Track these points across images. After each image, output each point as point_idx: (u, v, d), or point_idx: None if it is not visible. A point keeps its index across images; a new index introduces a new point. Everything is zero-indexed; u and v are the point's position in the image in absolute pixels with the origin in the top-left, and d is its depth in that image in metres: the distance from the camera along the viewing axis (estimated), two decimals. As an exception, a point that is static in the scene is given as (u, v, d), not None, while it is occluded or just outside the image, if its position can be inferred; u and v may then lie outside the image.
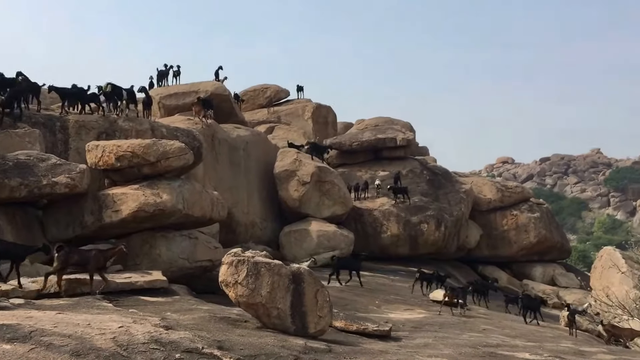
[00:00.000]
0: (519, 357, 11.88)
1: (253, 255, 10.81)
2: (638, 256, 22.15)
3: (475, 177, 42.26)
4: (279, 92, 44.05)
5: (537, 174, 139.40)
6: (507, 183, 39.58)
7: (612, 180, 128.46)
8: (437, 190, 33.70)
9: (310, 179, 29.34)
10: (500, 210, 35.89)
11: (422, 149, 48.20)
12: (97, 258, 13.17)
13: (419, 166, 35.51)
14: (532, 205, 36.58)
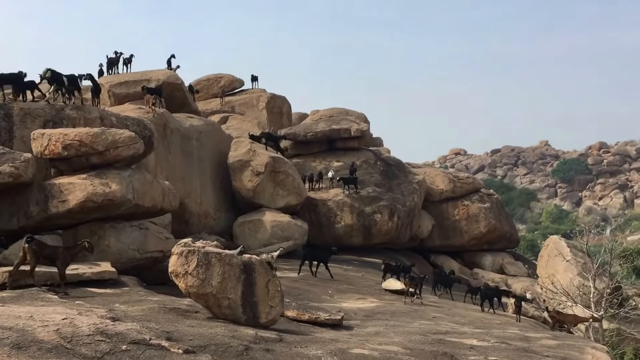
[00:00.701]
0: (467, 343, 12.10)
1: (204, 246, 10.70)
2: (582, 245, 22.82)
3: (428, 168, 42.79)
4: (233, 82, 43.70)
5: (488, 165, 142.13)
6: (458, 174, 40.20)
7: (560, 171, 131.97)
8: (391, 181, 33.99)
9: (265, 169, 29.21)
10: (452, 201, 36.47)
11: (376, 139, 48.51)
12: (64, 255, 13.07)
13: (373, 157, 35.73)
14: (482, 196, 37.28)
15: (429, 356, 10.10)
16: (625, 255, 24.03)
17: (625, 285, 24.28)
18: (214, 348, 8.34)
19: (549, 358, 11.77)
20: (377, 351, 9.83)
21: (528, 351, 12.19)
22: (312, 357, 8.84)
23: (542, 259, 25.73)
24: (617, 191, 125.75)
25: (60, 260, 12.86)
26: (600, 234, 27.65)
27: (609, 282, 21.18)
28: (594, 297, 20.51)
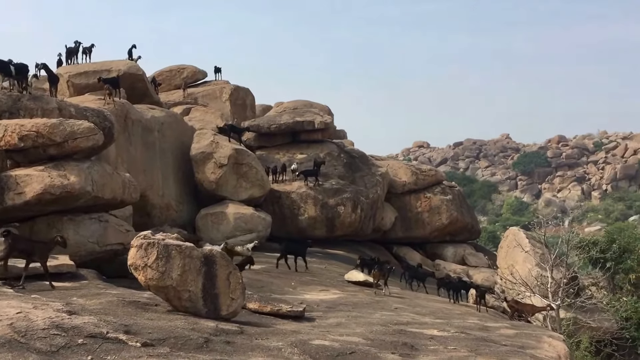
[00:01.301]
0: (427, 333, 12.25)
1: (164, 238, 10.60)
2: (540, 236, 23.26)
3: (391, 161, 43.01)
4: (196, 73, 43.25)
5: (450, 158, 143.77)
6: (421, 166, 40.54)
7: (520, 164, 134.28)
8: (354, 173, 34.10)
9: (228, 161, 29.01)
10: (414, 193, 36.76)
11: (340, 132, 48.58)
12: (42, 249, 13.00)
13: (337, 149, 35.78)
14: (444, 188, 37.68)
15: (389, 346, 10.20)
16: (581, 246, 24.57)
17: (582, 275, 24.83)
18: (174, 341, 8.28)
19: (507, 347, 11.97)
20: (338, 342, 9.89)
21: (487, 340, 12.39)
22: (273, 348, 8.85)
23: (501, 250, 26.16)
24: (575, 183, 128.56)
25: (39, 255, 12.83)
26: (559, 226, 28.20)
27: (566, 272, 21.60)
28: (552, 287, 20.94)
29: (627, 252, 24.73)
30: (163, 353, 7.68)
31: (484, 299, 20.43)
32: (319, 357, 8.77)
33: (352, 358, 8.95)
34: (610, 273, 24.89)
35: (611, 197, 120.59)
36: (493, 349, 11.31)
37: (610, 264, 24.58)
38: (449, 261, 35.59)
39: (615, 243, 24.88)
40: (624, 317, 22.21)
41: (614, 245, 24.76)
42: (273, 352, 8.67)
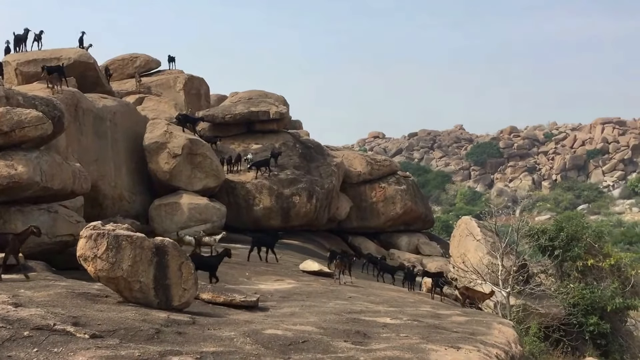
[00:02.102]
0: (380, 321, 12.39)
1: (114, 229, 10.45)
2: (491, 225, 23.70)
3: (347, 151, 43.22)
4: (150, 62, 42.55)
5: (405, 149, 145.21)
6: (376, 157, 40.87)
7: (473, 154, 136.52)
8: (309, 164, 34.15)
9: (182, 151, 28.71)
10: (369, 183, 37.05)
11: (295, 122, 48.51)
12: (14, 242, 12.86)
13: (292, 140, 35.75)
14: (399, 178, 38.08)
15: (342, 335, 10.29)
16: (531, 235, 25.10)
17: (531, 263, 25.39)
18: (124, 332, 8.19)
19: (458, 334, 12.19)
20: (290, 331, 9.93)
21: (438, 328, 12.60)
22: (225, 338, 8.84)
23: (454, 239, 26.53)
24: (526, 173, 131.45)
25: (10, 247, 12.75)
26: (510, 215, 28.78)
27: (516, 260, 22.07)
28: (502, 274, 21.35)
29: (575, 240, 25.32)
30: (112, 345, 7.59)
31: (440, 288, 20.95)
32: (272, 346, 8.80)
33: (305, 347, 9.00)
34: (558, 261, 25.49)
35: (560, 187, 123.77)
36: (444, 336, 11.51)
37: (558, 252, 25.15)
38: (403, 250, 36.04)
39: (563, 231, 25.45)
40: (572, 304, 22.78)
41: (562, 234, 25.33)
42: (225, 342, 8.65)
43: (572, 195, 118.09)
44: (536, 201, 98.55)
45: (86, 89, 28.65)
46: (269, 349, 8.66)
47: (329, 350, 8.95)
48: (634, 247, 63.74)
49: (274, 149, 32.70)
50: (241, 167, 32.09)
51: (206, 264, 15.82)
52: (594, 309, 22.78)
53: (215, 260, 16.22)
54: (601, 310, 22.96)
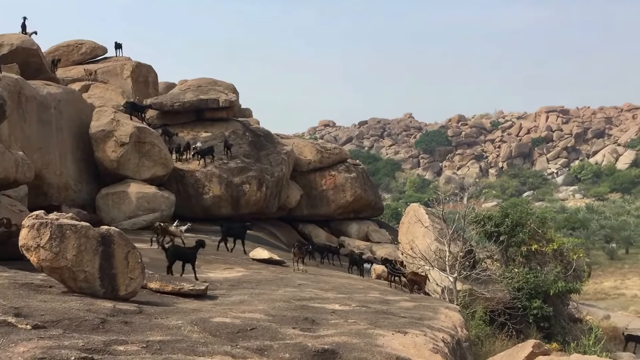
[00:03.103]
0: (329, 308, 12.49)
1: (57, 218, 10.21)
2: (439, 212, 24.11)
3: (297, 139, 43.24)
4: (96, 49, 41.62)
5: (356, 137, 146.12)
6: (326, 145, 41.06)
7: (422, 142, 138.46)
8: (259, 152, 34.04)
9: (129, 139, 28.20)
10: (319, 171, 37.22)
11: (245, 110, 48.20)
12: None
13: (242, 128, 35.56)
14: (349, 166, 38.36)
15: (291, 321, 10.34)
16: (477, 221, 25.66)
17: (478, 249, 25.93)
18: (68, 322, 8.04)
19: (406, 319, 12.40)
20: (239, 319, 9.93)
21: (386, 313, 12.79)
22: (172, 327, 8.78)
23: (403, 225, 26.89)
24: (474, 161, 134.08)
25: None
26: (458, 202, 29.33)
27: (463, 246, 22.55)
28: (449, 260, 21.76)
29: (520, 226, 25.98)
30: (55, 335, 7.45)
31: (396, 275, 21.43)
32: (219, 334, 8.78)
33: (253, 334, 9.02)
34: (503, 246, 26.13)
35: (507, 174, 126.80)
36: (392, 321, 11.69)
37: (503, 238, 25.77)
38: (353, 237, 36.38)
39: (508, 218, 26.08)
40: (516, 288, 23.37)
41: (507, 220, 25.96)
42: (172, 330, 8.60)
43: (517, 182, 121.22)
44: (483, 188, 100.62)
45: (29, 75, 27.86)
46: (217, 336, 8.65)
47: (277, 337, 8.99)
48: (576, 232, 65.87)
49: (226, 140, 32.43)
50: (190, 156, 31.77)
51: (186, 255, 15.63)
52: (537, 293, 23.43)
53: (195, 251, 15.98)
54: (544, 294, 23.65)
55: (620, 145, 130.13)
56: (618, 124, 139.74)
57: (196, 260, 15.45)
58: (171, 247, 16.32)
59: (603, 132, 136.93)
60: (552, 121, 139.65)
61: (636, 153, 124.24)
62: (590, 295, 44.48)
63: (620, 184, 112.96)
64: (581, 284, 26.25)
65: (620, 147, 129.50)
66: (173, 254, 15.17)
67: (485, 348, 18.16)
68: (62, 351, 6.76)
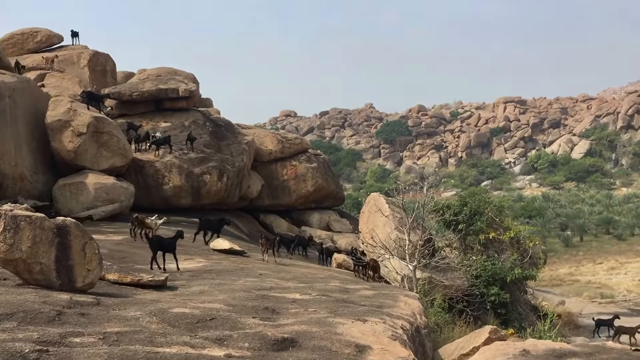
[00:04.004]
0: (290, 297, 12.55)
1: (11, 209, 10.02)
2: (399, 201, 24.34)
3: (258, 129, 43.05)
4: (51, 37, 40.65)
5: (317, 127, 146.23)
6: (287, 135, 40.94)
7: (383, 132, 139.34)
8: (220, 142, 33.81)
9: (87, 129, 27.68)
10: (280, 161, 37.16)
11: (205, 100, 47.78)
12: None
13: (202, 118, 35.25)
14: (310, 156, 38.39)
15: (251, 311, 10.36)
16: (436, 210, 26.01)
17: (437, 237, 26.31)
18: (22, 315, 7.91)
19: (365, 307, 12.54)
20: (198, 309, 9.90)
21: (347, 302, 12.91)
22: (130, 318, 8.71)
23: (363, 215, 27.05)
24: (434, 151, 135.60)
25: None
26: (418, 191, 29.67)
27: (422, 234, 22.80)
28: (409, 249, 22.00)
29: (478, 215, 26.46)
30: (9, 328, 7.33)
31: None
32: (179, 324, 8.76)
33: (213, 324, 9.02)
34: (462, 234, 26.58)
35: (466, 164, 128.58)
36: (351, 310, 11.81)
37: (462, 226, 26.22)
38: (314, 227, 36.46)
39: (467, 206, 26.53)
40: (474, 275, 23.81)
41: (466, 209, 26.40)
42: (130, 321, 8.54)
43: (476, 172, 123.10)
44: (442, 178, 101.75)
45: (-19, 64, 27.11)
46: (176, 327, 8.62)
47: (237, 327, 9.01)
48: (533, 220, 67.26)
49: (190, 133, 32.04)
50: (148, 146, 31.35)
51: (167, 245, 15.98)
52: (495, 280, 23.92)
53: (174, 241, 16.36)
54: (501, 281, 24.16)
55: (575, 135, 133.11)
56: (573, 115, 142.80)
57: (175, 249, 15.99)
58: (154, 238, 16.59)
59: (559, 122, 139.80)
60: (509, 111, 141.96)
61: (590, 143, 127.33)
62: (546, 282, 45.56)
63: (575, 173, 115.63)
64: (537, 271, 26.89)
65: (575, 137, 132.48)
66: (156, 245, 15.57)
67: (444, 334, 18.46)
68: (16, 344, 6.66)
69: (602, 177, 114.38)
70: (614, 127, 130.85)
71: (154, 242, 15.71)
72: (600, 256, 63.43)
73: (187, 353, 7.22)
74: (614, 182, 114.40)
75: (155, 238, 16.43)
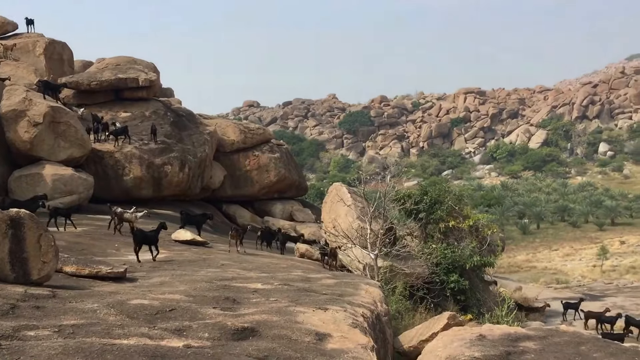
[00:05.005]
0: (251, 287, 12.55)
1: (-37, 201, 9.78)
2: (361, 190, 24.46)
3: (220, 120, 42.69)
4: (5, 25, 39.51)
5: (280, 117, 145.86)
6: (249, 125, 40.75)
7: (345, 123, 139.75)
8: (181, 132, 33.46)
9: (43, 119, 27.08)
10: (243, 152, 36.99)
11: (166, 90, 47.23)
12: None
13: (163, 108, 34.81)
14: (272, 146, 38.30)
15: (211, 301, 10.33)
16: (397, 199, 26.20)
17: (398, 226, 26.51)
18: (-26, 309, 7.76)
19: (327, 295, 12.61)
20: (158, 300, 9.83)
21: (308, 291, 12.97)
22: (87, 310, 8.61)
23: (326, 205, 27.10)
24: (396, 141, 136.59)
25: None
26: (380, 181, 29.87)
27: (384, 223, 22.94)
28: (371, 238, 22.14)
29: (438, 204, 26.72)
30: (-39, 322, 7.19)
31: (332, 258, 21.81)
32: (137, 316, 8.68)
33: (172, 315, 8.97)
34: (423, 223, 26.84)
35: (427, 154, 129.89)
36: (313, 298, 11.87)
37: (423, 215, 26.48)
38: (277, 217, 36.43)
39: (427, 195, 26.79)
40: (435, 263, 24.06)
41: (426, 198, 26.64)
42: (87, 314, 8.43)
43: (437, 162, 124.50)
44: (404, 167, 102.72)
45: None
46: (134, 319, 8.55)
47: (196, 317, 8.98)
48: (492, 209, 68.42)
49: (153, 125, 31.55)
50: (106, 136, 30.81)
51: (149, 238, 16.39)
52: (454, 267, 24.24)
53: (157, 234, 16.74)
54: (461, 268, 24.50)
55: (532, 125, 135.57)
56: (531, 105, 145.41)
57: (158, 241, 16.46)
58: (137, 231, 16.82)
59: (517, 112, 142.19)
60: (469, 102, 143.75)
61: (547, 133, 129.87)
62: (504, 269, 46.50)
63: (532, 162, 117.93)
64: (495, 258, 27.34)
65: (532, 127, 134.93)
66: (140, 238, 16.05)
67: (405, 321, 18.69)
68: (-31, 338, 6.53)
69: (558, 166, 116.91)
70: (569, 117, 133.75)
71: (137, 235, 16.12)
72: (556, 243, 65.03)
73: (144, 344, 7.17)
74: (569, 171, 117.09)
75: (139, 231, 16.71)
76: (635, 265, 51.12)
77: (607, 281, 45.70)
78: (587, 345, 9.92)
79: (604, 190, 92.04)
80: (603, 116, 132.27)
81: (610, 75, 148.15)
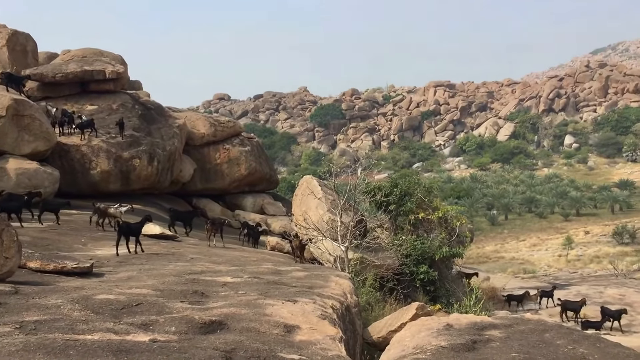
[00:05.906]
0: (220, 280, 12.47)
1: None
2: (331, 183, 24.51)
3: (190, 113, 42.31)
4: (-34, 15, 38.68)
5: (251, 111, 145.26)
6: (219, 118, 40.44)
7: (317, 116, 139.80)
8: (150, 125, 33.07)
9: (6, 112, 26.49)
10: (213, 145, 36.74)
11: (134, 83, 46.60)
12: None
13: (131, 100, 34.35)
14: (243, 140, 38.11)
15: (179, 295, 10.24)
16: (368, 192, 26.31)
17: (368, 218, 26.61)
18: None
19: (297, 288, 12.58)
20: (124, 295, 9.71)
21: (278, 283, 12.92)
22: (51, 306, 8.45)
23: (296, 197, 27.06)
24: (367, 134, 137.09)
25: None
26: (350, 174, 29.94)
27: (354, 216, 23.03)
28: (341, 230, 22.20)
29: (408, 196, 26.91)
30: None
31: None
32: (102, 311, 8.56)
33: (139, 309, 8.86)
34: (393, 215, 27.01)
35: (398, 147, 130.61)
36: (282, 291, 11.83)
37: (393, 207, 26.64)
38: (248, 211, 36.33)
39: (397, 188, 26.95)
40: (404, 254, 24.24)
41: (396, 190, 26.80)
42: (51, 310, 8.28)
43: (408, 155, 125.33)
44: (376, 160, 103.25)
45: None
46: (100, 314, 8.42)
47: (163, 312, 8.88)
48: (461, 200, 69.17)
49: (121, 119, 31.09)
50: (75, 129, 30.34)
51: (134, 230, 16.76)
52: (424, 259, 24.45)
53: (141, 226, 17.30)
54: (430, 260, 24.73)
55: (500, 118, 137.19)
56: (499, 98, 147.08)
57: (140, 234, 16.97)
58: (123, 224, 16.92)
59: (486, 105, 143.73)
60: (439, 95, 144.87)
61: (515, 125, 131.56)
62: (473, 260, 47.03)
63: (500, 154, 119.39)
64: (464, 249, 27.66)
65: (500, 120, 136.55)
66: (126, 231, 16.39)
67: (375, 313, 18.77)
68: None
69: (525, 158, 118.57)
70: (536, 110, 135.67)
71: (123, 229, 16.38)
72: (523, 233, 66.05)
73: (109, 339, 7.07)
74: (536, 163, 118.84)
75: (124, 224, 16.89)
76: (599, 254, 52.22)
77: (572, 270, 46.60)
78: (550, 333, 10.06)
79: (569, 181, 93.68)
80: (569, 109, 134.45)
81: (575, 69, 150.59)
